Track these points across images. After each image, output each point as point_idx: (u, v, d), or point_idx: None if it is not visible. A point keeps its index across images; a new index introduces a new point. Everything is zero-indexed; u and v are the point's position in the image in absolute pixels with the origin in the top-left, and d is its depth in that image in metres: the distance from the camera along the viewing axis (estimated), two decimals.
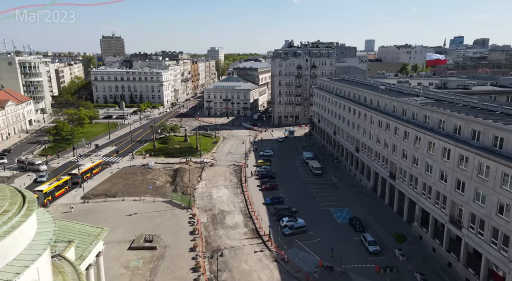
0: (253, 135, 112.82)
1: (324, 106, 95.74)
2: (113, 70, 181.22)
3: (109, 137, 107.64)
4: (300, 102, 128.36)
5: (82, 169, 71.49)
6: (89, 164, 75.27)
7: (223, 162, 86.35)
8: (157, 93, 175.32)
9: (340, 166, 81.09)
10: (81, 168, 71.70)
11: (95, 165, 75.92)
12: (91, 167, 74.12)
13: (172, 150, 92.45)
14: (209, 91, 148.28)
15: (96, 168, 76.32)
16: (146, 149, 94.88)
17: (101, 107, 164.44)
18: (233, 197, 65.57)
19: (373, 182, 64.91)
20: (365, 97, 69.74)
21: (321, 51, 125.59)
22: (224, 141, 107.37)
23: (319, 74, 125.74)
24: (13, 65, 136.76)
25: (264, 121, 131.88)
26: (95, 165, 75.88)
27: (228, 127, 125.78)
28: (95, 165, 75.73)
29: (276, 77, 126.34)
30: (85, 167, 73.20)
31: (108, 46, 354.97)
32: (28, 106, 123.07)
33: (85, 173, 71.32)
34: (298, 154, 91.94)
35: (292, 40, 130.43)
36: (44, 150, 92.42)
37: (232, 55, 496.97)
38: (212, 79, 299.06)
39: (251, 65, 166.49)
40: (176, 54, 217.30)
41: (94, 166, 75.34)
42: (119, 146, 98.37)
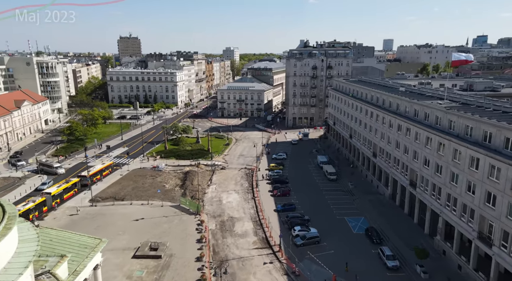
0: (266, 137, 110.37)
1: (340, 108, 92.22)
2: (128, 70, 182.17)
3: (121, 138, 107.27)
4: (315, 104, 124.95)
5: (91, 171, 70.72)
6: (99, 166, 74.48)
7: (234, 165, 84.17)
8: (171, 93, 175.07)
9: (356, 171, 77.52)
10: (91, 170, 70.96)
11: (105, 166, 75.06)
12: (101, 169, 73.26)
13: (183, 152, 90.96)
14: (222, 92, 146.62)
15: (106, 169, 75.45)
16: (157, 151, 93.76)
17: (116, 107, 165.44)
18: (244, 202, 63.21)
19: (391, 189, 61.26)
20: (384, 99, 66.09)
21: (338, 51, 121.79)
22: (237, 143, 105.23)
23: (335, 75, 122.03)
24: (31, 65, 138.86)
25: (278, 123, 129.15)
26: (105, 167, 75.02)
27: (241, 128, 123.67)
28: (105, 166, 74.86)
29: (291, 77, 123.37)
30: (95, 169, 72.41)
31: (125, 47, 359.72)
32: (44, 106, 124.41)
33: (94, 175, 70.48)
34: (312, 157, 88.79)
35: (307, 40, 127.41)
36: (57, 151, 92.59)
37: (248, 55, 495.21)
38: (227, 79, 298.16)
39: (266, 66, 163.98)
40: (190, 54, 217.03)
41: (104, 168, 74.48)
42: (131, 147, 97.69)
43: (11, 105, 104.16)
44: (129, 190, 67.76)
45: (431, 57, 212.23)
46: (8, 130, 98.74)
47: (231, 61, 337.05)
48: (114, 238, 49.38)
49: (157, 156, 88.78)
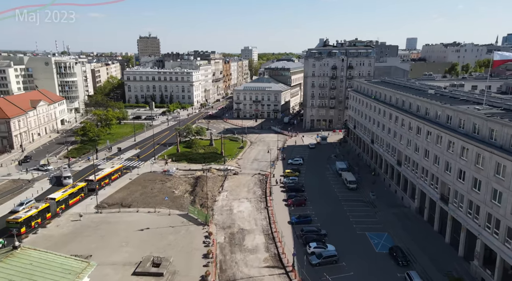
0: (282, 140, 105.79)
1: (361, 110, 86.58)
2: (145, 70, 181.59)
3: (134, 139, 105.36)
4: (335, 105, 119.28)
5: (100, 175, 68.42)
6: (107, 170, 72.14)
7: (248, 170, 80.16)
8: (187, 93, 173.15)
9: (378, 180, 71.89)
10: (99, 174, 68.67)
11: (114, 170, 72.66)
12: (109, 173, 70.89)
13: (195, 156, 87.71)
14: (238, 92, 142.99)
15: (116, 173, 73.07)
16: (169, 154, 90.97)
17: (132, 107, 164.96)
18: (256, 212, 59.07)
19: (418, 202, 55.59)
20: (410, 103, 60.33)
21: (359, 50, 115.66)
22: (251, 146, 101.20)
23: (356, 75, 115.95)
24: (50, 65, 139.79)
25: (295, 125, 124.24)
26: (114, 171, 72.62)
27: (256, 130, 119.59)
28: (114, 170, 72.46)
29: (309, 78, 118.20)
30: (103, 172, 70.10)
31: (145, 46, 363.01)
32: (60, 106, 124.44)
33: (102, 179, 68.14)
34: (331, 163, 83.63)
35: (327, 38, 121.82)
36: (69, 152, 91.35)
37: (266, 54, 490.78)
38: (244, 79, 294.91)
39: (283, 65, 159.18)
40: (208, 53, 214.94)
41: (113, 172, 72.10)
42: (143, 149, 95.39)
43: (27, 105, 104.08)
44: (137, 196, 64.93)
45: (459, 56, 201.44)
46: (23, 130, 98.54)
47: (249, 61, 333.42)
48: (116, 250, 46.42)
49: (168, 159, 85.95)
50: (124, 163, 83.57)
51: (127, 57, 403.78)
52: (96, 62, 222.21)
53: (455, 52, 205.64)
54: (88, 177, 68.43)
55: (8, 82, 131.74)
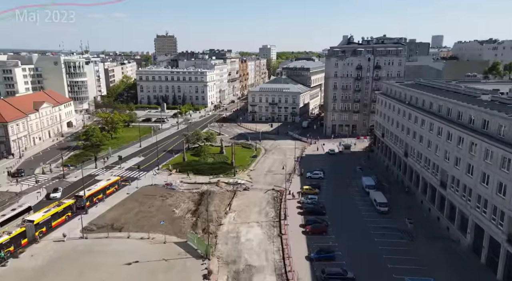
0: (300, 148, 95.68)
1: (391, 117, 75.34)
2: (157, 69, 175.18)
3: (139, 145, 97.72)
4: (359, 109, 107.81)
5: (92, 189, 60.61)
6: (102, 183, 64.28)
7: (260, 184, 70.52)
8: (201, 94, 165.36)
9: (414, 201, 60.69)
10: (91, 189, 60.88)
11: (109, 184, 64.71)
12: (104, 187, 63.02)
13: (202, 166, 78.82)
14: (253, 94, 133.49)
15: (111, 187, 65.15)
16: (174, 163, 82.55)
17: (143, 108, 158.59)
18: (267, 242, 49.44)
19: (472, 238, 44.39)
20: (460, 112, 49.00)
21: (388, 48, 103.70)
22: (266, 154, 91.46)
23: (384, 76, 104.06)
24: (59, 65, 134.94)
25: (314, 130, 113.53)
26: (109, 184, 64.68)
27: (272, 136, 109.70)
28: (109, 184, 64.51)
29: (331, 79, 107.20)
30: (97, 187, 62.26)
31: (162, 45, 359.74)
32: (67, 108, 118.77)
33: (95, 194, 60.28)
34: (356, 178, 72.83)
35: (351, 35, 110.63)
36: (69, 159, 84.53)
37: (285, 53, 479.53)
38: (262, 79, 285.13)
39: (303, 65, 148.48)
40: (223, 52, 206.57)
41: (108, 185, 64.19)
42: (148, 157, 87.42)
43: (29, 107, 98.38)
44: (132, 216, 56.56)
45: (496, 54, 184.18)
46: (23, 135, 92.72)
47: (267, 60, 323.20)
48: None
49: (172, 170, 77.48)
50: (124, 173, 75.76)
51: (146, 56, 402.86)
52: (110, 62, 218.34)
53: (491, 50, 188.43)
54: (78, 193, 60.52)
55: (14, 82, 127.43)
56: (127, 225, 53.31)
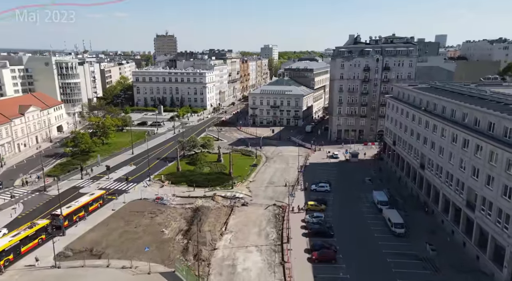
0: (303, 155, 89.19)
1: (404, 124, 68.71)
2: (154, 70, 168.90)
3: (132, 152, 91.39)
4: (366, 114, 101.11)
5: (72, 207, 54.34)
6: (84, 199, 57.90)
7: (260, 199, 64.02)
8: (199, 96, 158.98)
9: (434, 221, 54.03)
10: (71, 206, 54.60)
11: (93, 199, 58.37)
12: (86, 203, 56.69)
13: (198, 177, 72.28)
14: (254, 96, 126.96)
15: (95, 202, 58.81)
16: (167, 173, 76.14)
17: (140, 110, 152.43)
18: (267, 272, 42.94)
19: (510, 272, 37.69)
20: (492, 122, 42.28)
21: (398, 48, 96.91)
22: (267, 163, 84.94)
23: (394, 78, 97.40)
24: (50, 65, 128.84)
25: (318, 135, 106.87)
26: (93, 200, 58.34)
27: (273, 142, 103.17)
28: (92, 199, 58.17)
29: (336, 81, 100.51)
30: (78, 203, 55.94)
31: (161, 45, 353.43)
32: (57, 111, 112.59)
33: (75, 212, 53.98)
34: (365, 191, 66.25)
35: (358, 34, 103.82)
36: (54, 169, 78.25)
37: (287, 53, 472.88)
38: (264, 79, 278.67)
39: (306, 66, 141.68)
40: (224, 52, 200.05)
41: (91, 201, 57.88)
42: (139, 166, 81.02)
43: (14, 111, 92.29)
44: (115, 238, 50.20)
45: (507, 54, 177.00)
46: (6, 141, 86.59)
47: (269, 60, 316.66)
48: None
49: (165, 182, 71.05)
50: (112, 185, 69.41)
51: (147, 56, 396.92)
52: (108, 62, 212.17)
53: (502, 50, 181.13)
54: (55, 211, 53.96)
55: (2, 84, 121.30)
56: (109, 249, 46.91)
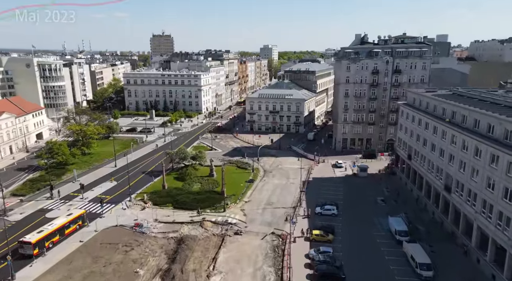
0: (306, 168, 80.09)
1: (422, 136, 59.58)
2: (146, 72, 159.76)
3: (114, 164, 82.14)
4: (374, 121, 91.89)
5: (44, 231, 46.12)
6: (60, 221, 49.55)
7: (256, 225, 54.73)
8: (194, 99, 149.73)
9: (469, 260, 44.69)
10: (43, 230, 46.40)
11: (70, 220, 50.33)
12: (61, 226, 48.80)
13: (185, 197, 62.83)
14: (252, 101, 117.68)
15: (73, 224, 50.84)
16: (152, 191, 66.89)
17: (131, 115, 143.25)
18: None
19: None
20: None
21: (410, 48, 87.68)
22: (265, 178, 75.70)
23: (405, 82, 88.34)
24: (32, 67, 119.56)
25: (322, 145, 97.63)
26: (71, 221, 50.34)
27: (273, 151, 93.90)
28: (70, 220, 50.17)
29: (342, 85, 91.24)
30: (52, 226, 47.90)
31: (157, 45, 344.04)
32: (36, 117, 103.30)
33: (48, 237, 45.82)
34: (379, 214, 57.03)
35: (365, 34, 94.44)
36: (22, 186, 68.82)
37: (287, 53, 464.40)
38: (263, 81, 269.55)
39: (307, 67, 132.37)
40: (221, 53, 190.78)
41: (68, 223, 49.77)
42: (121, 182, 71.71)
43: None
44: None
45: None
46: None
47: (269, 60, 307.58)
48: None
49: (147, 203, 61.70)
50: (85, 207, 60.08)
51: (145, 56, 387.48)
52: (99, 63, 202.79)
53: None
54: (23, 238, 45.35)
55: None
56: None
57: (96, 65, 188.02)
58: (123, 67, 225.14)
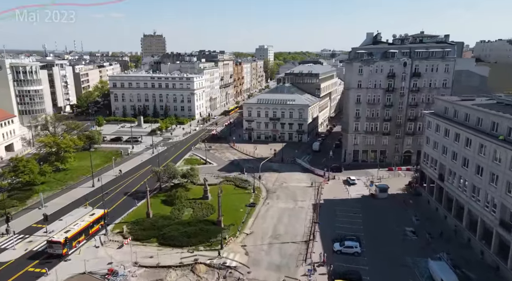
0: (314, 186, 69.40)
1: (461, 154, 49.22)
2: (135, 75, 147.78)
3: (92, 184, 70.36)
4: (390, 131, 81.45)
5: (71, 231, 42.95)
6: (84, 221, 42.58)
7: (261, 271, 43.50)
8: (187, 104, 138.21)
9: None
10: (70, 229, 40.90)
11: (94, 220, 47.20)
12: (86, 226, 44.11)
13: (173, 231, 51.15)
14: (250, 107, 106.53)
15: (96, 224, 47.47)
16: (134, 219, 55.31)
17: (117, 121, 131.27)
18: None
19: None
20: None
21: (431, 49, 77.37)
22: (268, 199, 64.65)
23: (425, 87, 78.22)
24: (3, 70, 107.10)
25: (330, 157, 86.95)
26: (94, 221, 47.33)
27: (275, 165, 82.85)
28: (93, 220, 46.93)
29: (353, 91, 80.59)
30: (78, 226, 44.41)
31: (149, 45, 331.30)
32: (6, 127, 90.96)
33: (75, 237, 43.58)
34: (412, 252, 46.27)
35: (378, 32, 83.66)
36: None
37: (283, 54, 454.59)
38: (259, 82, 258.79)
39: (310, 70, 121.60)
40: (215, 54, 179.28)
41: (92, 223, 46.85)
42: (97, 207, 59.91)
43: None
44: None
45: None
46: None
47: (265, 61, 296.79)
48: None
49: (127, 238, 50.07)
50: (48, 242, 48.21)
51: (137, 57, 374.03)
52: (85, 64, 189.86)
53: None
54: (52, 237, 44.49)
55: None
56: None
57: (81, 67, 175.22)
58: (112, 69, 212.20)
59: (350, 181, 71.33)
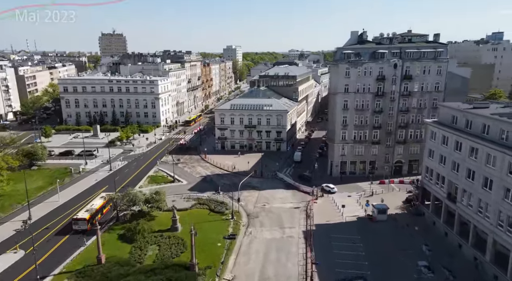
0: (302, 206, 60.07)
1: (480, 173, 41.61)
2: (89, 78, 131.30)
3: (28, 216, 55.97)
4: (380, 139, 73.92)
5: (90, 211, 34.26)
6: (98, 202, 34.83)
7: None
8: (151, 110, 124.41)
9: None
10: (89, 210, 35.54)
11: (105, 203, 37.45)
12: (101, 206, 39.84)
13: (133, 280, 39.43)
14: (222, 113, 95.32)
15: (107, 205, 30.78)
16: (81, 267, 42.45)
17: (69, 131, 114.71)
18: None
19: None
20: None
21: (422, 49, 70.66)
22: (250, 227, 54.13)
23: (417, 90, 71.50)
24: None
25: (315, 170, 77.95)
26: (104, 204, 36.20)
27: (254, 181, 72.41)
28: (104, 202, 37.83)
29: (339, 95, 72.07)
30: (95, 206, 37.80)
31: (108, 45, 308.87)
32: None
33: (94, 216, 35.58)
34: None
35: (364, 31, 75.83)
36: None
37: (250, 54, 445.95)
38: (228, 84, 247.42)
39: (287, 72, 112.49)
40: (181, 54, 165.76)
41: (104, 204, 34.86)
42: (32, 250, 46.24)
43: None
44: None
45: (496, 56, 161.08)
46: None
47: (233, 62, 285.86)
48: None
49: None
50: None
51: (96, 57, 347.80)
52: (32, 65, 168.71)
53: (491, 51, 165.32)
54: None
55: None
56: None
57: (26, 68, 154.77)
58: (65, 70, 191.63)
59: (329, 190, 66.58)
